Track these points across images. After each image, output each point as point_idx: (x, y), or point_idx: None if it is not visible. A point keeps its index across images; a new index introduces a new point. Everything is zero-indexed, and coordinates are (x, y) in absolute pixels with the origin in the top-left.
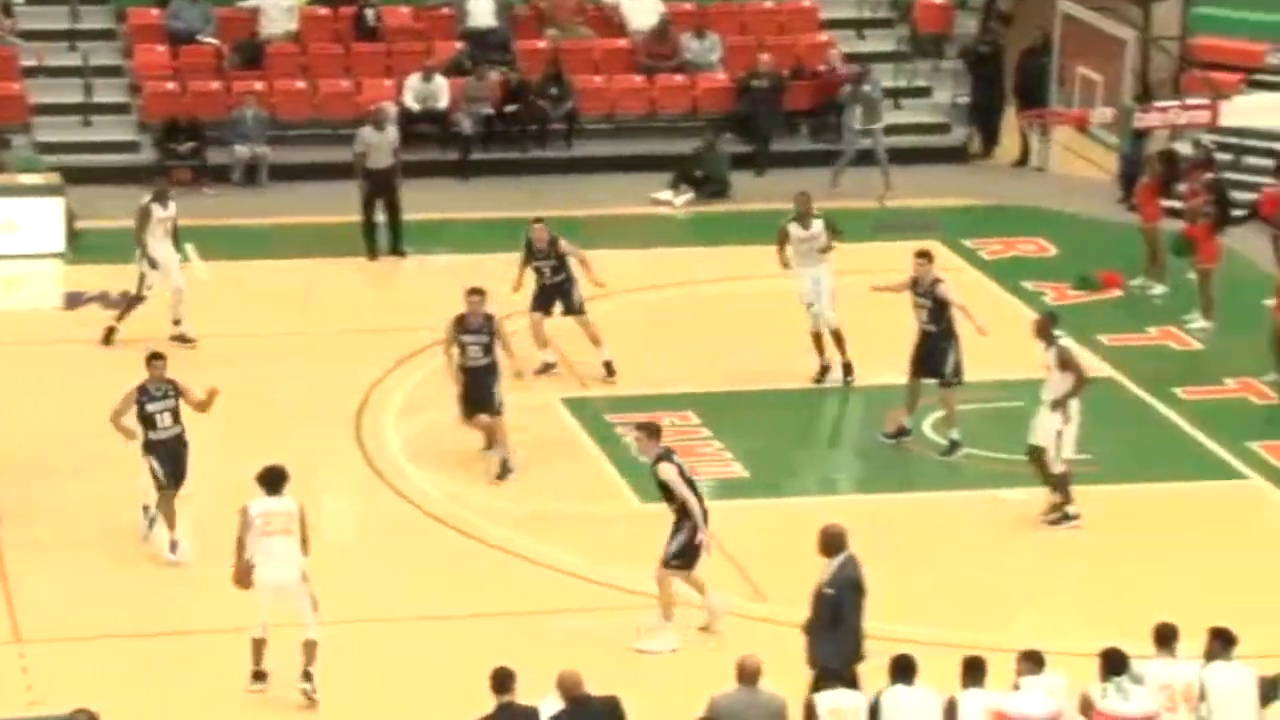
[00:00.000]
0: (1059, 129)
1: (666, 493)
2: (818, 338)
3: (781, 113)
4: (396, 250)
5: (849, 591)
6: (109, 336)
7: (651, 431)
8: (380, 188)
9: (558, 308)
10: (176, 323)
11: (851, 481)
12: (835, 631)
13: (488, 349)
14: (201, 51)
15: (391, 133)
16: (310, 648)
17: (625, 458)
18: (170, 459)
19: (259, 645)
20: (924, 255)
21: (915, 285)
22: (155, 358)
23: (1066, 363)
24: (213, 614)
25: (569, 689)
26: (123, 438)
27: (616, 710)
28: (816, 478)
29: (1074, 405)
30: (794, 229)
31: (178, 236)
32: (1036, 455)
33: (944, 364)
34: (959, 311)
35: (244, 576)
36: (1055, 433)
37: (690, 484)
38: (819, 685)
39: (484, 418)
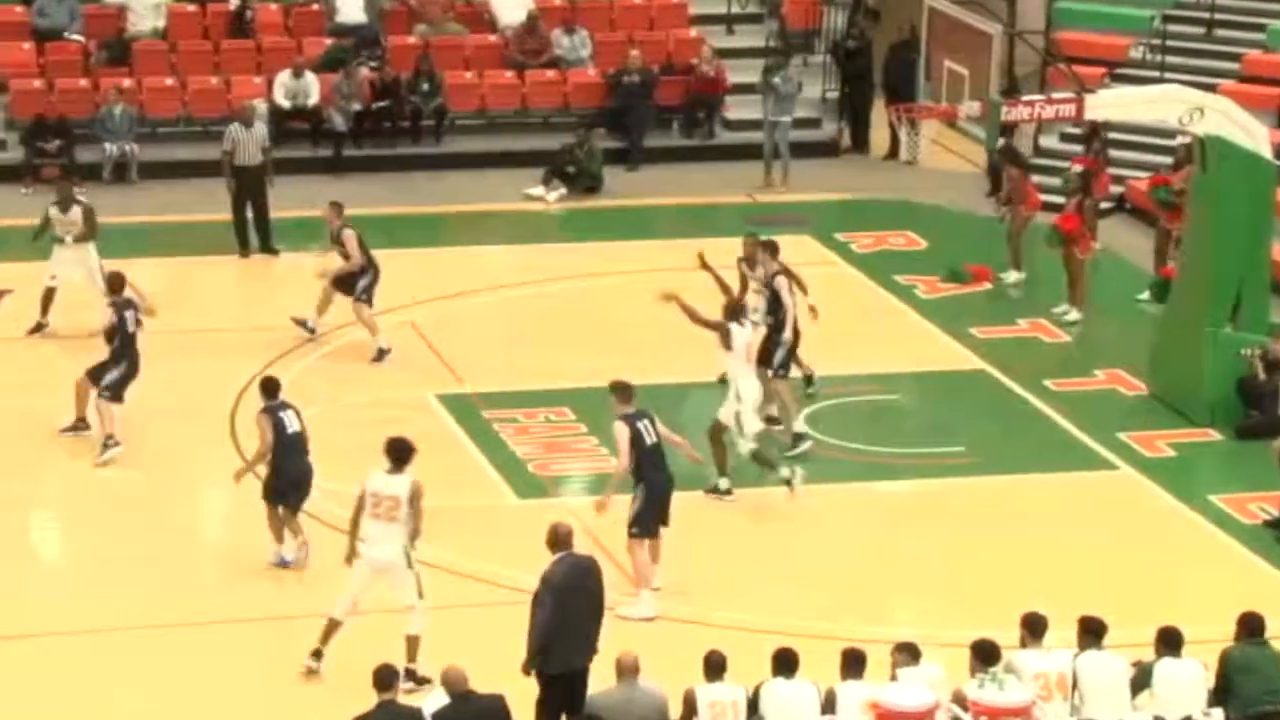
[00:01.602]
0: (927, 123)
1: None
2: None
3: (653, 108)
4: (267, 248)
5: (544, 590)
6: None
7: (617, 390)
8: (249, 185)
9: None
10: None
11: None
12: (556, 631)
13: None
14: (68, 49)
15: (260, 130)
16: (411, 643)
17: (502, 454)
18: None
19: (333, 627)
20: (767, 245)
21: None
22: None
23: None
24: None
25: (454, 685)
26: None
27: (501, 708)
28: (692, 472)
29: (744, 389)
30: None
31: (90, 235)
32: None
33: (773, 355)
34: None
35: (351, 557)
36: (734, 414)
37: (645, 451)
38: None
39: None
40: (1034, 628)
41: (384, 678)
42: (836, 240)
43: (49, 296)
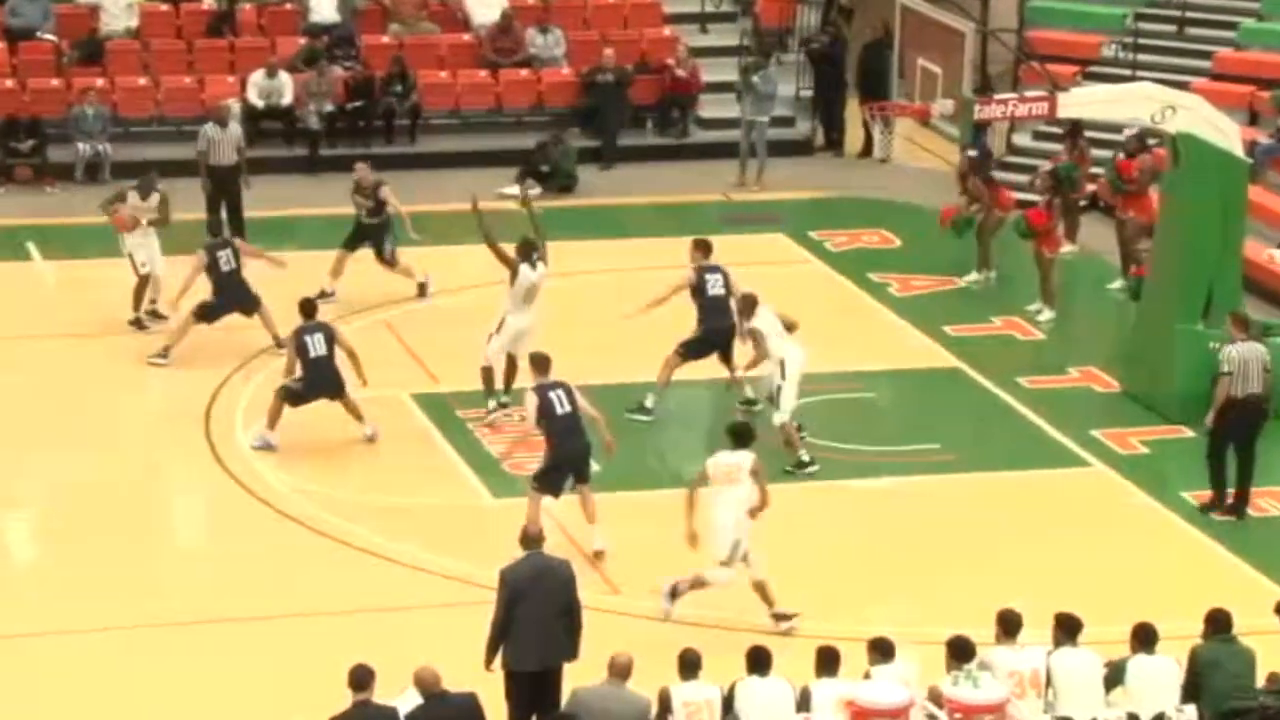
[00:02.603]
0: (900, 121)
1: None
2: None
3: (627, 107)
4: None
5: (499, 586)
6: (140, 324)
7: (534, 361)
8: (223, 185)
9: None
10: (152, 301)
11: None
12: (506, 628)
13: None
14: (40, 48)
15: (234, 129)
16: (758, 588)
17: (477, 452)
18: None
19: (761, 588)
20: (699, 244)
21: None
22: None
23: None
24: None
25: (427, 685)
26: None
27: (474, 707)
28: (668, 470)
29: (509, 321)
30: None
31: (165, 221)
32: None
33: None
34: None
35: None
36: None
37: (556, 418)
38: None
39: None
40: (1008, 625)
41: (359, 677)
42: (810, 238)
43: (143, 286)
